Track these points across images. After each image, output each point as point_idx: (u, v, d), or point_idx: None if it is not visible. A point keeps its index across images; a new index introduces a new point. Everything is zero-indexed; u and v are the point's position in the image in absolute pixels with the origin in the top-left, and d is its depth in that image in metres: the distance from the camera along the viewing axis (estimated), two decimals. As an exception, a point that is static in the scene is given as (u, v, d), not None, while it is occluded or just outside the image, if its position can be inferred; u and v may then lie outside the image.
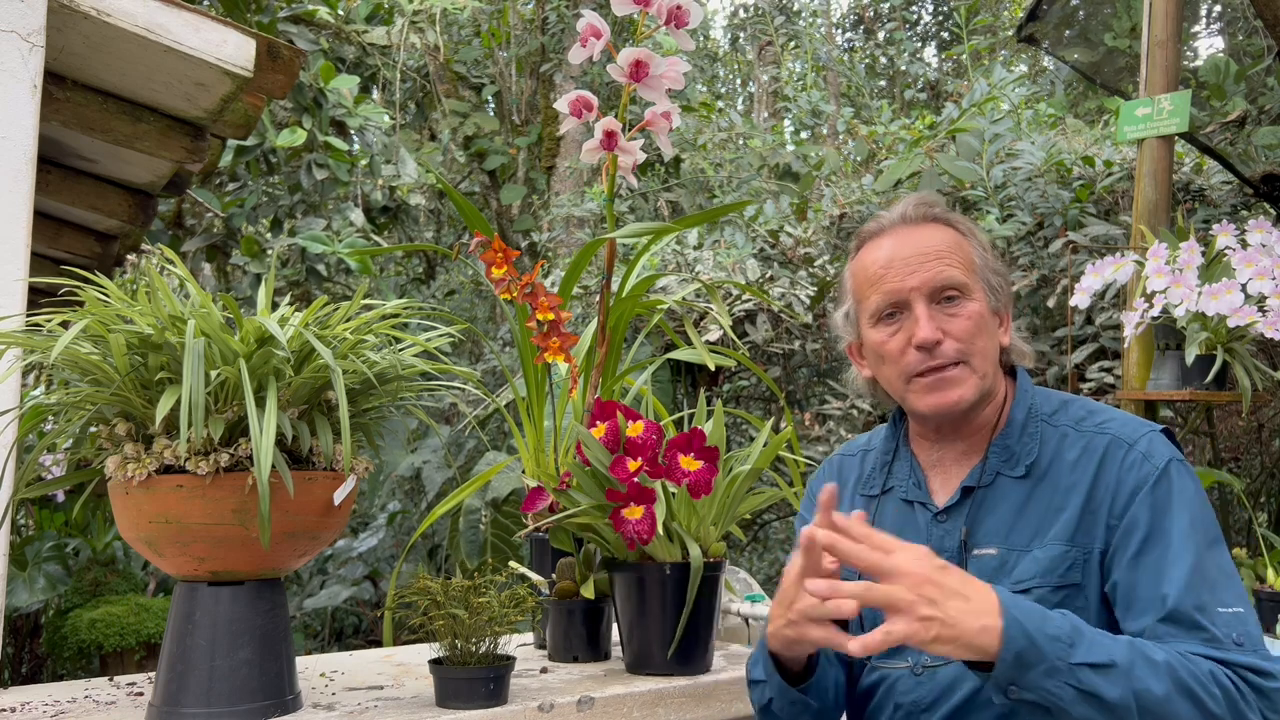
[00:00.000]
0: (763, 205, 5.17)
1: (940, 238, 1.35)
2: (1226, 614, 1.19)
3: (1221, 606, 1.19)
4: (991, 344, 1.35)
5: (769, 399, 4.96)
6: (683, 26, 1.80)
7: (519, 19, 8.32)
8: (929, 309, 1.31)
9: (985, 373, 1.33)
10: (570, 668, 1.78)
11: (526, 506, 1.80)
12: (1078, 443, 1.30)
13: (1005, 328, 1.39)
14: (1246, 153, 3.82)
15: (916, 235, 1.35)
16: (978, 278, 1.35)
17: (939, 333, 1.30)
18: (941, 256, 1.33)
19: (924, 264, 1.32)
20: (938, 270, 1.31)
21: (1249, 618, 1.21)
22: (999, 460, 1.33)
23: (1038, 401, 1.37)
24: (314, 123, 5.49)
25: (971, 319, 1.31)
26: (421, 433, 5.91)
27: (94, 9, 2.02)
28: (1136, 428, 1.31)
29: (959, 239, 1.37)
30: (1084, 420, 1.33)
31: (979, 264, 1.36)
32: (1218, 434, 4.02)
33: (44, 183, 2.86)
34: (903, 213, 1.38)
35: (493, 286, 1.76)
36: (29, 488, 1.55)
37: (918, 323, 1.31)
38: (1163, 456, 1.27)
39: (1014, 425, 1.34)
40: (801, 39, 9.97)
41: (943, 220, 1.38)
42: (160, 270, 1.88)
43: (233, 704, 1.38)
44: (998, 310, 1.37)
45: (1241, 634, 1.18)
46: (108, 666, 4.05)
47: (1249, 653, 1.17)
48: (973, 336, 1.31)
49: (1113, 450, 1.28)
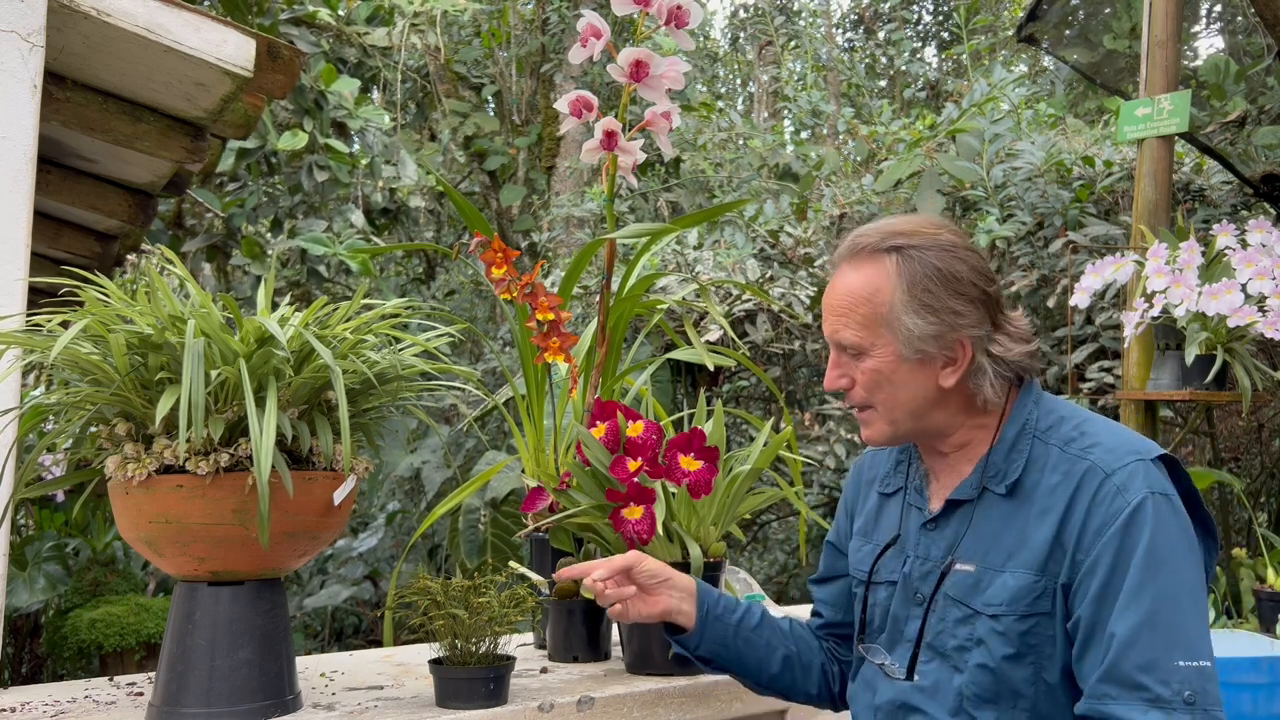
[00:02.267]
0: (763, 205, 5.16)
1: (852, 289, 1.32)
2: (1185, 668, 1.15)
3: (1183, 659, 1.15)
4: (901, 394, 1.31)
5: (769, 399, 4.96)
6: (683, 26, 1.80)
7: (519, 19, 8.32)
8: (838, 357, 1.36)
9: (894, 420, 1.33)
10: (570, 668, 1.78)
11: (526, 506, 1.80)
12: (1061, 466, 1.27)
13: (956, 368, 1.30)
14: (1246, 153, 3.82)
15: (840, 281, 1.35)
16: (883, 332, 1.30)
17: (841, 381, 1.36)
18: (841, 314, 1.33)
19: (829, 317, 1.35)
20: (834, 328, 1.34)
21: (1211, 672, 1.16)
22: (985, 476, 1.32)
23: (1037, 416, 1.33)
24: (315, 124, 5.49)
25: (866, 374, 1.32)
26: (421, 433, 5.91)
27: (94, 9, 2.02)
28: (1121, 456, 1.24)
29: (876, 284, 1.30)
30: (1072, 442, 1.28)
31: (888, 316, 1.29)
32: (1218, 434, 4.01)
33: (44, 183, 2.86)
34: (844, 247, 1.37)
35: (493, 286, 1.76)
36: (29, 488, 1.55)
37: (827, 371, 1.38)
38: (1139, 491, 1.20)
39: (1004, 442, 1.32)
40: (801, 39, 9.97)
41: (876, 254, 1.31)
42: (160, 270, 1.88)
43: (233, 704, 1.38)
44: (924, 358, 1.29)
45: (1195, 691, 1.14)
46: (108, 666, 4.05)
47: (1192, 714, 1.13)
48: (870, 389, 1.33)
49: (1088, 480, 1.24)
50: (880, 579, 1.41)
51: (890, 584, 1.39)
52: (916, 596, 1.34)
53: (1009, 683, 1.24)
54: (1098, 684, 1.18)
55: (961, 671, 1.27)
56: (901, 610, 1.36)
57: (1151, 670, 1.15)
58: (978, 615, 1.26)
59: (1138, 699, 1.15)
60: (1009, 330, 1.33)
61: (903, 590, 1.37)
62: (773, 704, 1.74)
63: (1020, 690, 1.24)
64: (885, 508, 1.47)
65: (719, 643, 1.47)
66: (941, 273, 1.29)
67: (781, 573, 5.65)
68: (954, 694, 1.27)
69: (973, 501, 1.32)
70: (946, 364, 1.31)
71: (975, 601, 1.27)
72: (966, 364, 1.30)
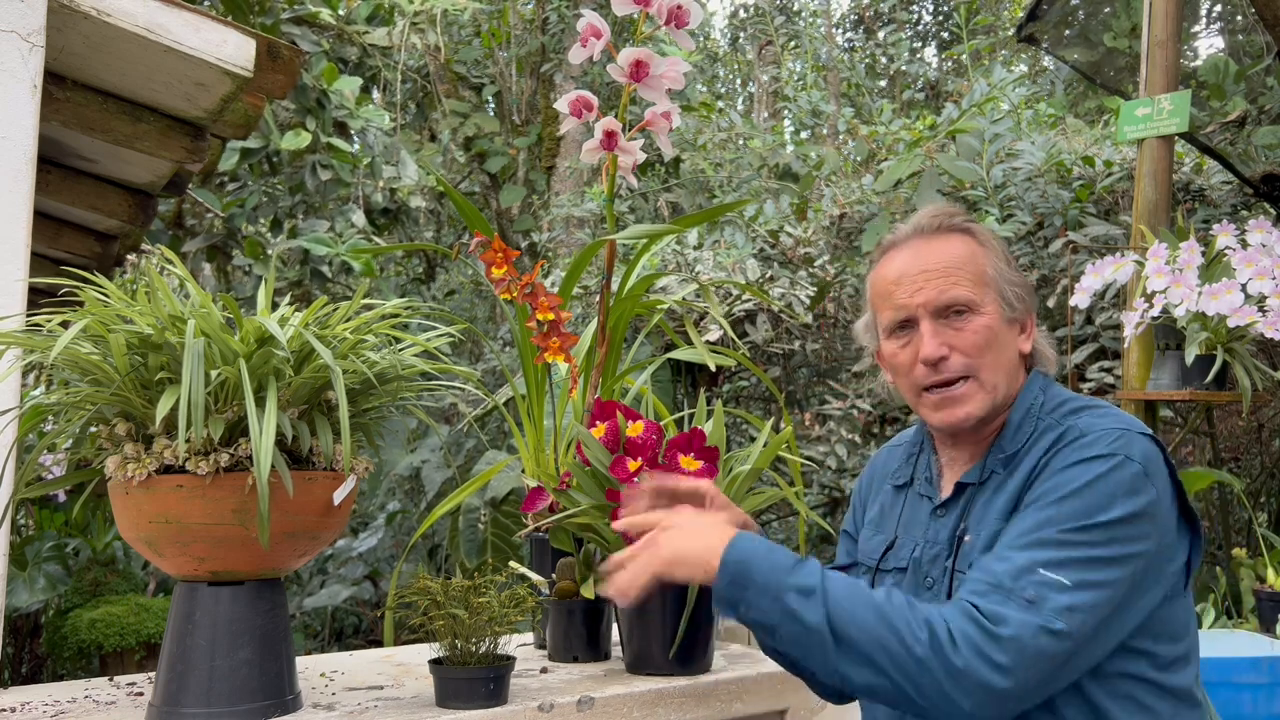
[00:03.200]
0: (763, 205, 5.17)
1: (951, 252, 1.35)
2: (1044, 576, 1.13)
3: (1041, 567, 1.14)
4: (1004, 355, 1.34)
5: (769, 399, 4.96)
6: (683, 26, 1.80)
7: (519, 19, 8.32)
8: (934, 325, 1.33)
9: (995, 385, 1.34)
10: (570, 668, 1.78)
11: (526, 506, 1.80)
12: (1049, 433, 1.30)
13: (1028, 334, 1.39)
14: (1246, 153, 3.82)
15: (927, 250, 1.36)
16: (989, 290, 1.34)
17: (943, 349, 1.32)
18: (948, 273, 1.33)
19: (930, 281, 1.34)
20: (942, 288, 1.33)
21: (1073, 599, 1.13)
22: (994, 460, 1.35)
23: (1045, 399, 1.36)
24: (317, 124, 5.50)
25: (979, 333, 1.32)
26: (421, 433, 5.91)
27: (94, 9, 2.02)
28: (1106, 423, 1.26)
29: (973, 251, 1.36)
30: (1070, 413, 1.32)
31: (992, 275, 1.35)
32: (1218, 434, 4.02)
33: (44, 183, 2.86)
34: (918, 225, 1.40)
35: (493, 286, 1.76)
36: (29, 488, 1.55)
37: (923, 339, 1.33)
38: (1102, 448, 1.21)
39: (1011, 425, 1.35)
40: (801, 39, 9.97)
41: (960, 230, 1.38)
42: (160, 270, 1.88)
43: (233, 704, 1.38)
44: (1015, 319, 1.36)
45: (1039, 595, 1.13)
46: (108, 666, 4.05)
47: (1022, 608, 1.12)
48: (980, 350, 1.32)
49: (1064, 437, 1.27)
50: (889, 567, 1.43)
51: (899, 570, 1.41)
52: (926, 580, 1.36)
53: None
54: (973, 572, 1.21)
55: None
56: (911, 596, 1.37)
57: (1005, 561, 1.17)
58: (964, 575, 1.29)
59: (980, 582, 1.18)
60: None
61: (912, 575, 1.39)
62: (773, 704, 1.74)
63: None
64: (897, 500, 1.49)
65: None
66: (1005, 251, 1.40)
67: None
68: None
69: (981, 484, 1.35)
70: (1021, 329, 1.39)
71: (965, 566, 1.30)
72: (1033, 330, 1.39)
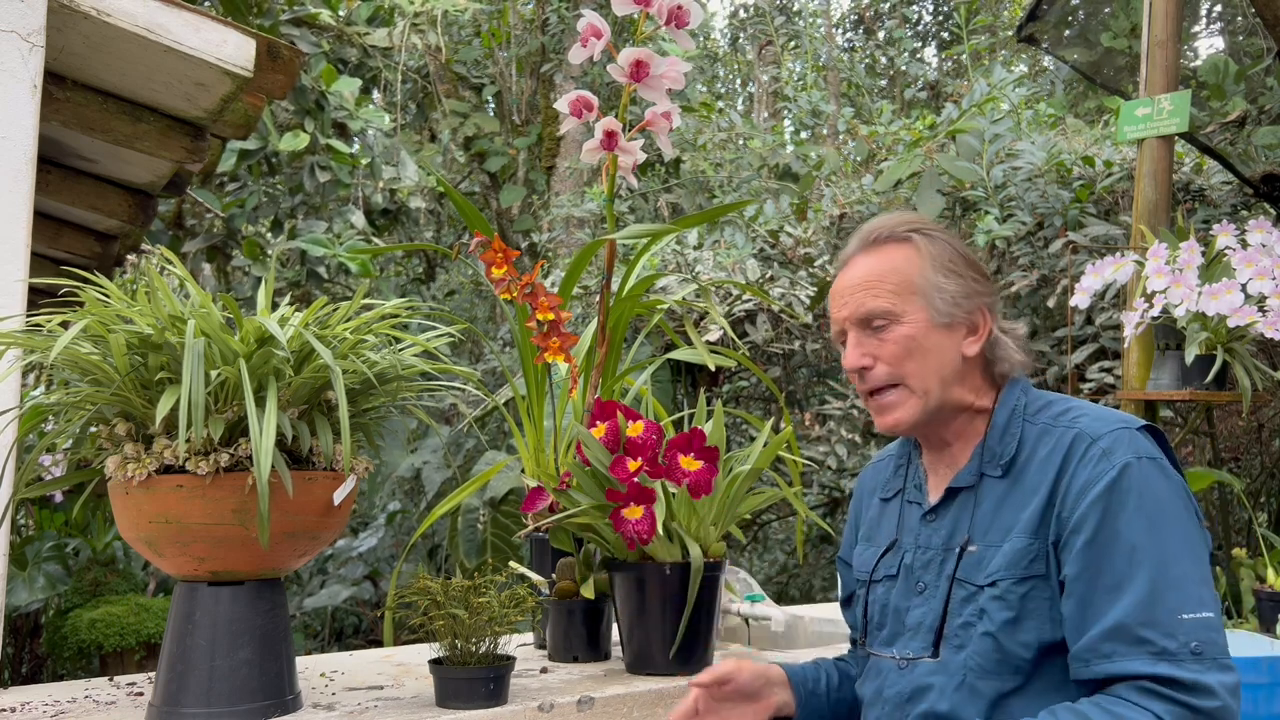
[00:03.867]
0: (763, 205, 5.16)
1: (877, 265, 1.38)
2: (1189, 621, 1.16)
3: (1186, 612, 1.16)
4: (934, 361, 1.35)
5: (769, 399, 4.96)
6: (683, 26, 1.80)
7: (519, 19, 8.31)
8: (858, 336, 1.38)
9: (927, 390, 1.35)
10: (570, 668, 1.78)
11: (526, 506, 1.80)
12: (1050, 438, 1.31)
13: (978, 337, 1.37)
14: (1246, 153, 3.82)
15: (858, 266, 1.40)
16: (914, 298, 1.35)
17: (864, 359, 1.37)
18: (870, 286, 1.37)
19: (853, 295, 1.38)
20: (861, 301, 1.37)
21: (1216, 623, 1.17)
22: (982, 462, 1.36)
23: (1027, 401, 1.37)
24: (316, 125, 5.49)
25: (899, 342, 1.35)
26: (421, 433, 5.91)
27: (94, 9, 2.02)
28: (1108, 423, 1.28)
29: (904, 257, 1.37)
30: (1061, 416, 1.33)
31: (919, 282, 1.35)
32: (1218, 434, 4.01)
33: (44, 183, 2.86)
34: (860, 239, 1.43)
35: (493, 286, 1.76)
36: (29, 488, 1.55)
37: (847, 352, 1.39)
38: (1124, 455, 1.23)
39: (996, 428, 1.36)
40: (801, 39, 9.97)
41: (894, 239, 1.39)
42: (160, 270, 1.88)
43: (233, 704, 1.38)
44: (951, 324, 1.35)
45: (1203, 642, 1.15)
46: (108, 666, 4.05)
47: (1202, 665, 1.14)
48: (901, 359, 1.35)
49: (1076, 445, 1.27)
50: (880, 576, 1.44)
51: (890, 578, 1.41)
52: (918, 585, 1.36)
53: (1010, 651, 1.25)
54: (1099, 642, 1.19)
55: (965, 647, 1.29)
56: (902, 601, 1.38)
57: (1155, 625, 1.16)
58: (980, 590, 1.29)
59: (1143, 653, 1.16)
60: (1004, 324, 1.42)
61: (903, 582, 1.39)
62: (773, 704, 1.73)
63: (1021, 658, 1.25)
64: (886, 511, 1.50)
65: (819, 717, 1.48)
66: (957, 250, 1.39)
67: (781, 573, 5.65)
68: (959, 669, 1.29)
69: (972, 488, 1.35)
70: (969, 332, 1.37)
71: (978, 578, 1.30)
72: (986, 333, 1.37)
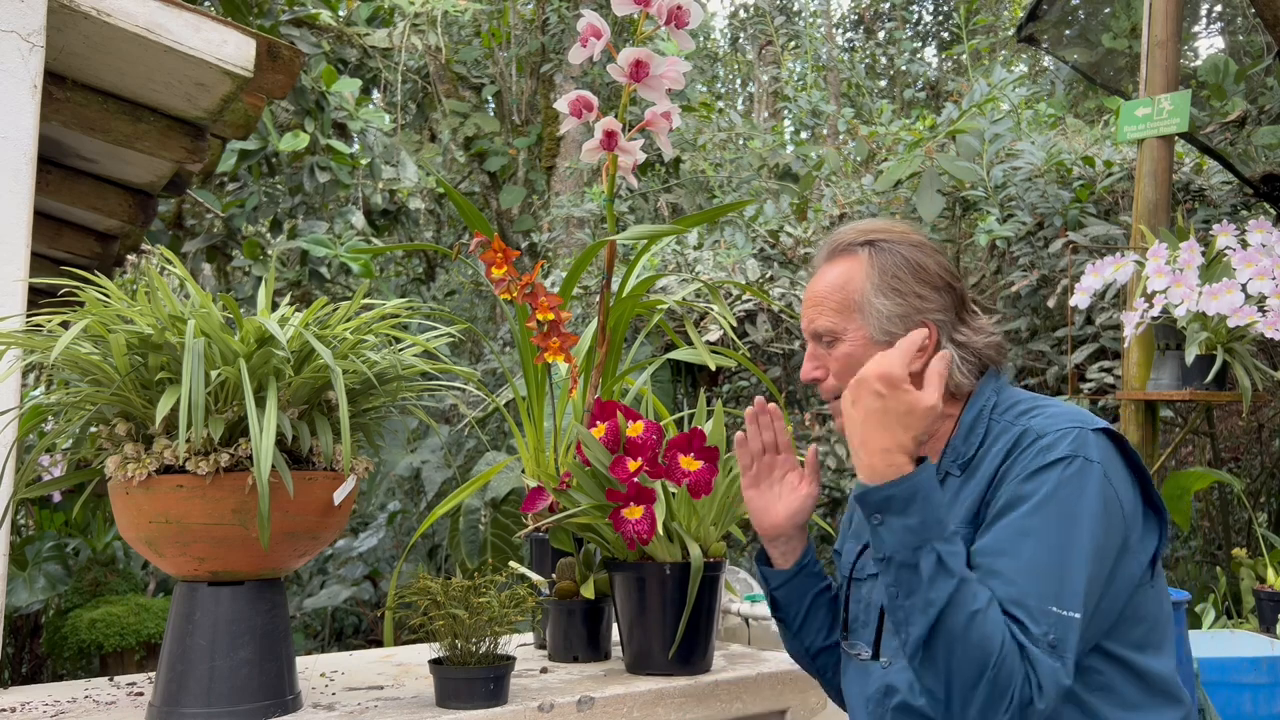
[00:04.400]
0: (763, 205, 5.17)
1: (827, 281, 1.40)
2: (1056, 614, 1.15)
3: (1057, 607, 1.16)
4: None
5: (769, 399, 4.95)
6: (683, 26, 1.80)
7: (519, 19, 8.31)
8: (814, 348, 1.42)
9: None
10: (570, 668, 1.78)
11: (526, 506, 1.80)
12: (1004, 435, 1.31)
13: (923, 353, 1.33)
14: (1246, 153, 3.82)
15: (817, 278, 1.43)
16: (854, 316, 1.36)
17: (817, 371, 1.41)
18: (817, 304, 1.40)
19: (807, 311, 1.42)
20: (810, 319, 1.41)
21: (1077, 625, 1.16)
22: (949, 461, 1.36)
23: (998, 400, 1.37)
24: (316, 125, 5.49)
25: (840, 360, 1.38)
26: (421, 433, 5.91)
27: (94, 9, 2.02)
28: (1059, 421, 1.27)
29: (850, 274, 1.38)
30: (1022, 415, 1.32)
31: (860, 301, 1.36)
32: (1218, 434, 4.02)
33: (44, 183, 2.86)
34: (821, 252, 1.45)
35: (493, 287, 1.76)
36: (29, 488, 1.55)
37: (803, 363, 1.44)
38: (1061, 451, 1.22)
39: (963, 426, 1.36)
40: (801, 39, 9.97)
41: (848, 251, 1.40)
42: (160, 270, 1.88)
43: (233, 704, 1.38)
44: (891, 341, 1.34)
45: (1060, 638, 1.15)
46: (108, 666, 4.05)
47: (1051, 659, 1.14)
48: (843, 375, 1.37)
49: (1021, 440, 1.27)
50: (863, 574, 1.44)
51: (873, 577, 1.41)
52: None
53: None
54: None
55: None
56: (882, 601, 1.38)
57: (1023, 606, 1.17)
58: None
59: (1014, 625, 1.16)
60: (973, 324, 1.39)
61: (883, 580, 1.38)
62: (772, 704, 1.74)
63: None
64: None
65: (798, 595, 1.52)
66: (909, 262, 1.37)
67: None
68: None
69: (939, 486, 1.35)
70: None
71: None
72: (932, 348, 1.35)
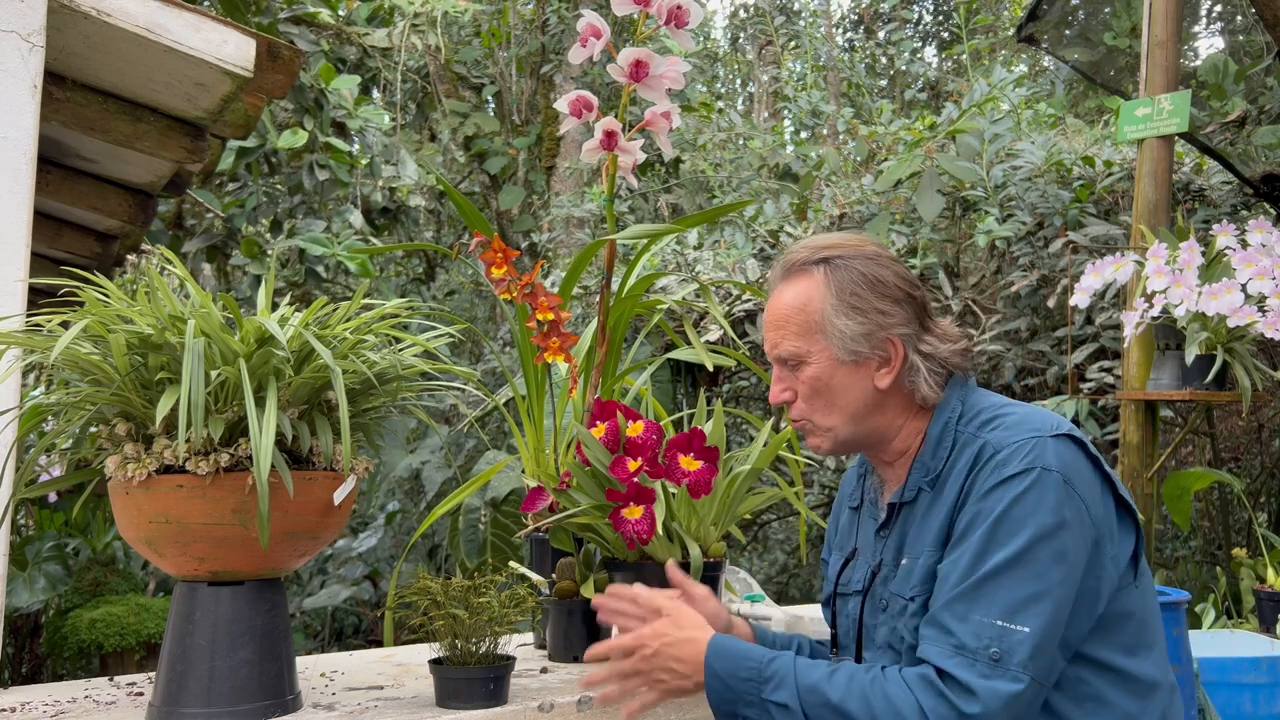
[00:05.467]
0: (763, 205, 5.17)
1: (787, 302, 1.38)
2: (1000, 627, 1.15)
3: (1002, 620, 1.15)
4: (841, 399, 1.36)
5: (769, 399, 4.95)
6: (683, 26, 1.80)
7: (519, 19, 8.31)
8: (780, 371, 1.40)
9: (831, 427, 1.37)
10: (570, 668, 1.78)
11: (526, 506, 1.80)
12: (967, 449, 1.30)
13: (890, 368, 1.34)
14: (1246, 153, 3.82)
15: (776, 299, 1.41)
16: (817, 338, 1.35)
17: (785, 394, 1.40)
18: (780, 327, 1.38)
19: (771, 334, 1.41)
20: (775, 342, 1.39)
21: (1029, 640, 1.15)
22: (918, 476, 1.35)
23: (963, 410, 1.35)
24: (315, 124, 5.49)
25: (806, 384, 1.37)
26: (421, 433, 5.91)
27: (94, 9, 2.02)
28: (1016, 434, 1.26)
29: (808, 295, 1.36)
30: (984, 426, 1.31)
31: (821, 323, 1.34)
32: (1218, 434, 4.02)
33: (44, 183, 2.86)
34: (778, 268, 1.43)
35: (493, 286, 1.76)
36: (29, 488, 1.55)
37: (771, 386, 1.42)
38: (1017, 465, 1.22)
39: (930, 440, 1.35)
40: (801, 39, 9.97)
41: (805, 269, 1.38)
42: (160, 270, 1.88)
43: (233, 704, 1.38)
44: (857, 360, 1.34)
45: (1004, 651, 1.14)
46: (108, 666, 4.05)
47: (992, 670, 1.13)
48: (809, 399, 1.37)
49: (980, 456, 1.27)
50: (849, 590, 1.44)
51: (858, 593, 1.42)
52: (881, 602, 1.37)
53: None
54: (924, 625, 1.22)
55: (902, 654, 1.31)
56: (871, 619, 1.39)
57: (965, 620, 1.18)
58: (909, 603, 1.30)
59: (945, 644, 1.18)
60: (937, 332, 1.38)
61: (871, 598, 1.39)
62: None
63: None
64: (853, 522, 1.51)
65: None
66: (867, 277, 1.35)
67: (781, 573, 5.65)
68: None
69: (911, 502, 1.35)
70: (880, 365, 1.36)
71: (906, 592, 1.31)
72: (900, 363, 1.35)
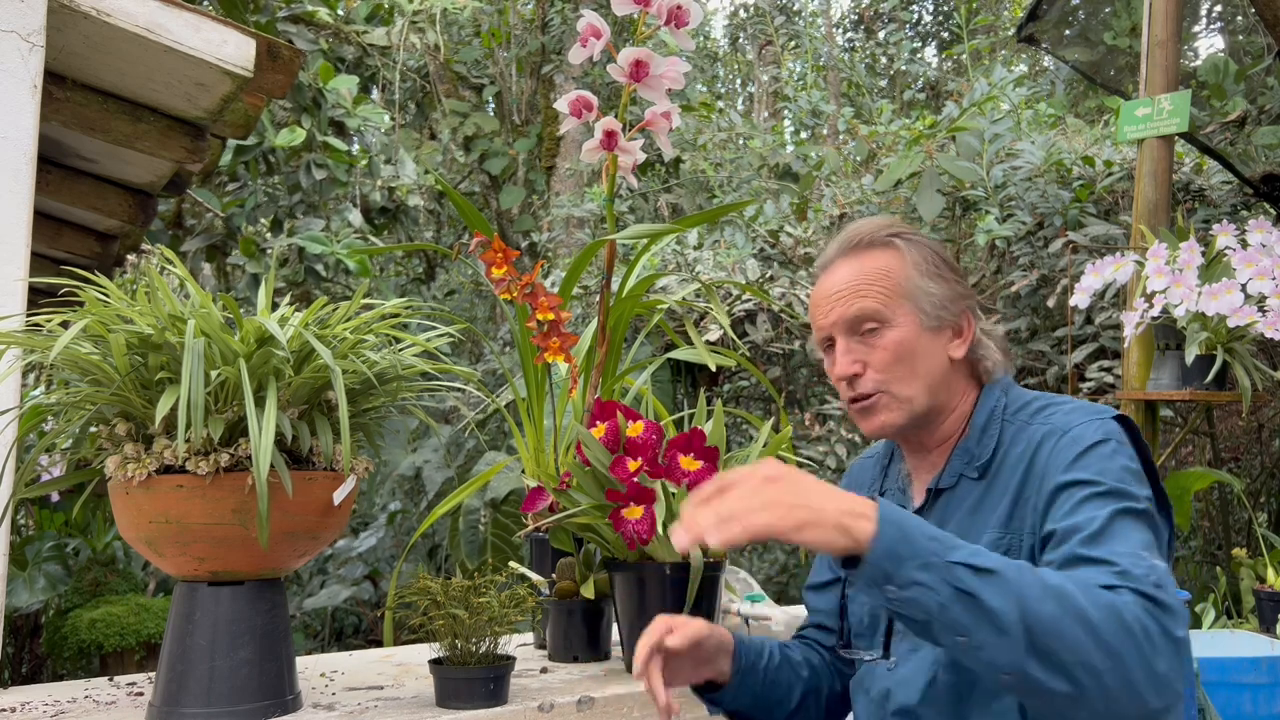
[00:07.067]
0: (763, 205, 5.17)
1: (863, 268, 1.37)
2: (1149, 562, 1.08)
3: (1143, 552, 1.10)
4: (922, 366, 1.35)
5: (769, 399, 4.96)
6: (683, 26, 1.80)
7: (519, 19, 8.31)
8: (847, 342, 1.36)
9: (910, 397, 1.34)
10: (570, 668, 1.78)
11: (526, 506, 1.80)
12: (1022, 438, 1.30)
13: (963, 340, 1.37)
14: (1246, 153, 3.82)
15: (842, 269, 1.39)
16: (903, 301, 1.35)
17: (855, 366, 1.35)
18: (858, 289, 1.36)
19: (841, 300, 1.37)
20: (850, 304, 1.36)
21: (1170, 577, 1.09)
22: (961, 463, 1.35)
23: (1007, 401, 1.36)
24: (313, 123, 5.49)
25: (889, 349, 1.34)
26: (421, 433, 5.91)
27: (94, 9, 2.02)
28: (1078, 417, 1.27)
29: (889, 262, 1.36)
30: (1037, 414, 1.32)
31: (907, 287, 1.35)
32: (1218, 434, 4.02)
33: (44, 183, 2.86)
34: (841, 244, 1.42)
35: (493, 286, 1.76)
36: (29, 488, 1.55)
37: (836, 359, 1.37)
38: (1095, 436, 1.23)
39: (974, 429, 1.35)
40: (801, 39, 9.97)
41: (879, 245, 1.38)
42: (160, 270, 1.88)
43: (233, 704, 1.38)
44: (939, 327, 1.35)
45: (1160, 582, 1.06)
46: (108, 666, 4.05)
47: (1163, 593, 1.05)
48: (890, 366, 1.34)
49: (1046, 440, 1.27)
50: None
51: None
52: None
53: None
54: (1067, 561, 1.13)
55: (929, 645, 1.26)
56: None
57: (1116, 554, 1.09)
58: None
59: (1108, 571, 1.08)
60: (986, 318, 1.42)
61: None
62: (773, 704, 1.73)
63: None
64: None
65: (750, 694, 1.42)
66: (938, 254, 1.40)
67: (781, 573, 5.65)
68: (929, 664, 1.28)
69: (952, 489, 1.35)
70: (955, 335, 1.37)
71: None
72: (971, 334, 1.37)
